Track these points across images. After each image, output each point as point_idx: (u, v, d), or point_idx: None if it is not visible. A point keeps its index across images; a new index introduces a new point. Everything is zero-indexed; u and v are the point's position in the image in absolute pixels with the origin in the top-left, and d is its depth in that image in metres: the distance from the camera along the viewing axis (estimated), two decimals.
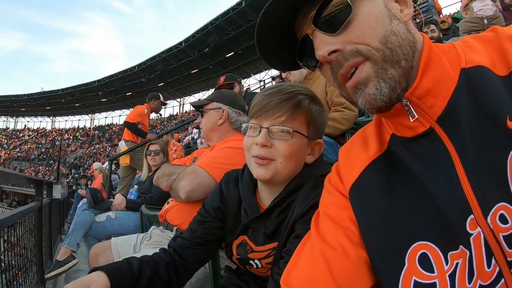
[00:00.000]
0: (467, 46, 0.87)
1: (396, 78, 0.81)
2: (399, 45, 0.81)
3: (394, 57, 0.80)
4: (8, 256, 2.77)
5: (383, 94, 0.81)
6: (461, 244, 0.73)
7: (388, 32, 0.81)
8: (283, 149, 1.29)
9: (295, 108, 1.31)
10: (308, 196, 1.27)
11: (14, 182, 3.18)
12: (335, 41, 0.85)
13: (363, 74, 0.83)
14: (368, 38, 0.81)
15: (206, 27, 31.64)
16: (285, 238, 1.28)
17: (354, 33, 0.83)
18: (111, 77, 44.50)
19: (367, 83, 0.83)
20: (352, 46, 0.83)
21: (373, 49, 0.81)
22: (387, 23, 0.82)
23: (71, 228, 4.22)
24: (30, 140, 59.77)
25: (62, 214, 9.62)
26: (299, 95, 1.33)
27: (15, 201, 33.96)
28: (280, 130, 1.29)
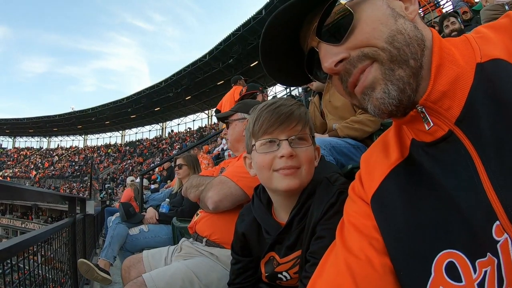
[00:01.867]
0: (481, 38, 0.83)
1: (405, 79, 0.78)
2: (406, 44, 0.78)
3: (401, 56, 0.78)
4: (44, 269, 2.85)
5: (392, 97, 0.79)
6: (489, 252, 0.69)
7: (394, 31, 0.79)
8: (305, 156, 1.32)
9: (305, 116, 1.37)
10: (323, 198, 1.28)
11: (49, 199, 3.29)
12: (340, 50, 0.83)
13: (370, 77, 0.81)
14: (373, 40, 0.80)
15: (229, 38, 31.79)
16: (307, 243, 1.28)
17: (358, 38, 0.81)
18: (139, 94, 45.04)
19: (374, 86, 0.81)
20: (358, 50, 0.81)
21: (379, 49, 0.79)
22: (392, 22, 0.80)
23: (107, 241, 4.30)
24: (64, 158, 61.18)
25: (96, 229, 9.80)
26: (300, 106, 1.39)
27: (51, 217, 34.76)
28: (299, 138, 1.33)
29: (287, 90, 29.98)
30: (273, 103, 1.39)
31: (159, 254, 2.62)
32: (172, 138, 50.25)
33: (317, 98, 3.53)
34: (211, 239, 2.33)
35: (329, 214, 1.23)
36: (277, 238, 1.43)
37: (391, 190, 0.92)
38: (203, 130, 45.87)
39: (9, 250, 1.80)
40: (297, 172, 1.31)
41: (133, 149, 55.70)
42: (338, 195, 1.25)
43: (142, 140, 58.21)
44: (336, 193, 1.26)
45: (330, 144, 2.58)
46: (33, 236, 2.41)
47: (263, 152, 1.35)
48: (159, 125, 57.59)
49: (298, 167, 1.31)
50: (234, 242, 1.64)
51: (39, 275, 2.71)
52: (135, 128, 60.46)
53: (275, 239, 1.44)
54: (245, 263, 1.59)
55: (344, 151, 2.65)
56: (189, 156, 5.06)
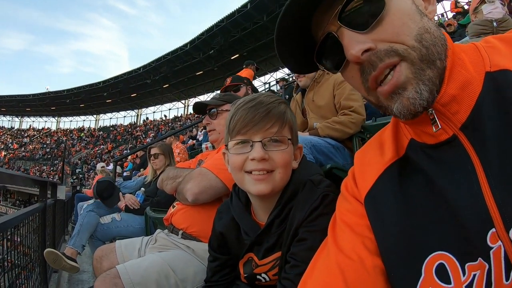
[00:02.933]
0: (490, 47, 0.84)
1: (433, 79, 0.76)
2: (433, 44, 0.76)
3: (430, 56, 0.76)
4: (12, 255, 2.77)
5: (423, 98, 0.76)
6: (480, 257, 0.70)
7: (422, 29, 0.77)
8: (280, 159, 1.29)
9: (283, 116, 1.32)
10: (307, 201, 1.26)
11: (20, 183, 3.19)
12: (366, 39, 0.78)
13: (402, 77, 0.77)
14: (403, 36, 0.76)
15: (212, 29, 31.66)
16: (288, 244, 1.27)
17: (387, 31, 0.77)
18: (116, 78, 44.60)
19: (406, 86, 0.77)
20: (387, 44, 0.77)
21: (409, 47, 0.76)
22: (419, 19, 0.78)
23: (76, 229, 4.21)
24: (35, 140, 60.00)
25: (65, 215, 9.63)
26: (280, 104, 1.35)
27: (19, 200, 34.12)
28: (275, 140, 1.29)
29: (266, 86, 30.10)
30: (251, 100, 1.35)
31: (132, 245, 2.58)
32: (146, 126, 49.88)
33: (299, 95, 3.54)
34: (188, 231, 2.30)
35: (312, 217, 1.21)
36: (256, 240, 1.41)
37: (384, 189, 0.92)
38: (178, 119, 45.67)
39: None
40: (270, 177, 1.29)
41: (106, 134, 55.08)
42: (322, 198, 1.23)
43: (116, 126, 57.60)
44: (320, 196, 1.24)
45: (311, 142, 2.58)
46: (3, 222, 2.33)
47: (235, 153, 1.32)
48: (134, 112, 57.17)
49: (271, 170, 1.29)
50: (212, 239, 1.61)
51: (6, 260, 2.63)
52: (110, 113, 59.92)
53: (253, 240, 1.42)
54: (223, 261, 1.57)
55: (324, 150, 2.67)
56: (164, 145, 5.02)
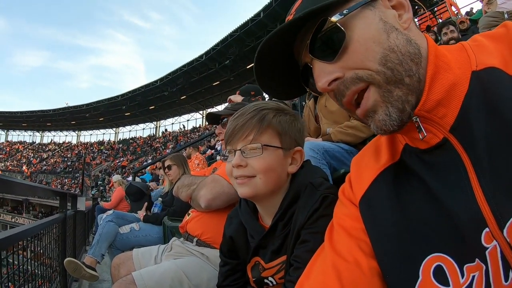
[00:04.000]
0: (477, 46, 0.83)
1: (403, 97, 0.78)
2: (399, 63, 0.77)
3: (396, 77, 0.77)
4: (32, 265, 2.83)
5: (393, 119, 0.78)
6: (477, 257, 0.70)
7: (387, 50, 0.77)
8: (258, 165, 1.33)
9: (260, 124, 1.36)
10: (308, 203, 1.28)
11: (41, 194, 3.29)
12: (333, 68, 0.82)
13: (370, 101, 0.80)
14: (367, 62, 0.78)
15: (226, 39, 31.72)
16: (292, 247, 1.28)
17: (352, 58, 0.80)
18: (134, 92, 44.93)
19: (376, 109, 0.80)
20: (352, 72, 0.80)
21: (374, 72, 0.78)
22: (385, 39, 0.78)
23: (96, 239, 4.29)
24: (56, 153, 60.92)
25: (87, 225, 9.74)
26: (262, 110, 1.39)
27: (41, 212, 34.57)
28: (250, 148, 1.34)
29: None
30: (238, 113, 1.42)
31: (149, 253, 2.61)
32: (165, 137, 50.17)
33: (312, 102, 3.53)
34: (201, 238, 2.33)
35: (312, 219, 1.23)
36: (260, 243, 1.44)
37: (379, 192, 0.92)
38: (196, 130, 45.87)
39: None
40: (250, 181, 1.34)
41: (126, 146, 55.55)
42: (322, 200, 1.25)
43: (135, 138, 58.09)
44: (320, 198, 1.25)
45: (324, 148, 2.58)
46: (22, 231, 2.39)
47: (228, 161, 1.40)
48: (153, 124, 57.48)
49: (251, 176, 1.34)
50: (222, 244, 1.64)
51: (27, 270, 2.69)
52: (129, 125, 60.31)
53: (258, 243, 1.44)
54: (233, 266, 1.59)
55: (336, 155, 2.66)
56: (176, 155, 5.06)
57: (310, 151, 2.45)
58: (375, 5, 0.82)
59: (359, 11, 0.80)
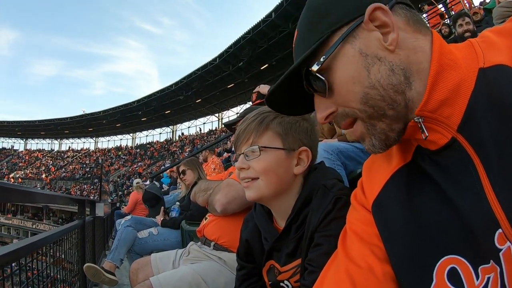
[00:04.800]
0: (485, 42, 0.81)
1: (386, 129, 0.83)
2: (381, 99, 0.78)
3: (377, 112, 0.80)
4: (53, 270, 2.87)
5: (378, 147, 0.86)
6: (492, 259, 0.68)
7: (367, 88, 0.78)
8: (259, 167, 1.37)
9: (258, 127, 1.42)
10: (320, 205, 1.26)
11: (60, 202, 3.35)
12: (329, 103, 0.88)
13: (358, 132, 0.88)
14: (350, 102, 0.84)
15: (239, 41, 31.71)
16: (306, 250, 1.27)
17: (338, 99, 0.86)
18: (149, 97, 45.22)
19: (364, 138, 0.88)
20: (342, 108, 0.87)
21: (357, 110, 0.83)
22: (365, 76, 0.78)
23: (115, 244, 4.34)
24: (75, 160, 61.70)
25: (106, 231, 9.85)
26: (262, 114, 1.44)
27: (62, 218, 35.10)
28: (249, 151, 1.39)
29: None
30: (243, 120, 1.50)
31: (167, 258, 2.63)
32: (182, 141, 50.44)
33: None
34: (219, 242, 2.33)
35: (325, 221, 1.21)
36: (274, 245, 1.43)
37: (391, 195, 0.91)
38: (213, 132, 46.02)
39: (17, 252, 1.81)
40: (253, 184, 1.37)
41: (143, 151, 55.99)
42: (335, 202, 1.23)
43: (152, 143, 58.51)
44: (333, 200, 1.24)
45: (338, 148, 2.56)
46: (43, 238, 2.43)
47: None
48: (169, 128, 57.79)
49: (254, 177, 1.37)
50: (239, 247, 1.64)
51: (48, 275, 2.73)
52: (146, 131, 60.72)
53: (272, 246, 1.44)
54: (250, 269, 1.59)
55: (351, 155, 2.64)
56: (190, 160, 5.09)
57: (324, 152, 2.43)
58: (356, 35, 0.81)
59: (339, 49, 0.81)
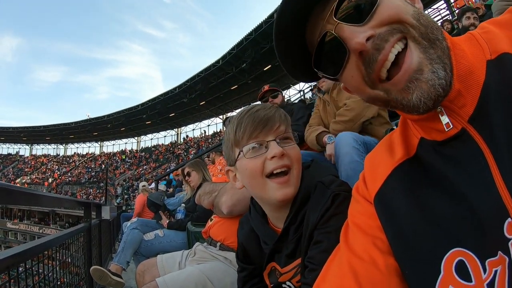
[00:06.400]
0: (486, 33, 0.81)
1: (442, 58, 0.74)
2: (431, 25, 0.76)
3: (430, 35, 0.74)
4: (59, 273, 2.88)
5: (441, 77, 0.73)
6: (500, 250, 0.68)
7: (417, 11, 0.77)
8: (295, 154, 1.33)
9: (285, 118, 1.39)
10: (319, 203, 1.25)
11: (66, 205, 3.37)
12: (365, 29, 0.77)
13: (415, 59, 0.74)
14: (401, 15, 0.76)
15: (241, 43, 31.79)
16: (306, 249, 1.26)
17: (385, 14, 0.76)
18: (153, 100, 45.33)
19: (422, 68, 0.73)
20: (386, 27, 0.76)
21: (409, 25, 0.75)
22: (411, 6, 0.79)
23: (121, 246, 4.36)
24: (80, 165, 61.93)
25: (112, 234, 9.88)
26: (278, 109, 1.42)
27: (68, 222, 35.16)
28: (286, 138, 1.34)
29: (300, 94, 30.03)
30: (250, 109, 1.40)
31: (173, 259, 2.64)
32: (187, 144, 50.51)
33: (327, 95, 3.48)
34: (225, 243, 2.34)
35: (324, 218, 1.20)
36: (275, 247, 1.42)
37: (394, 188, 0.90)
38: (218, 134, 46.07)
39: (24, 254, 1.82)
40: (290, 178, 1.30)
41: (148, 154, 56.12)
42: (333, 198, 1.22)
43: (157, 146, 58.63)
44: (331, 196, 1.23)
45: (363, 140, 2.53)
46: (48, 241, 2.44)
47: (252, 157, 1.32)
48: (174, 131, 57.93)
49: (290, 166, 1.30)
50: (238, 249, 1.65)
51: (54, 279, 2.74)
52: (151, 134, 60.89)
53: (272, 248, 1.43)
54: (250, 271, 1.59)
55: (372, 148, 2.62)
56: (195, 161, 5.09)
57: (354, 142, 2.39)
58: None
59: None
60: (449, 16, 10.11)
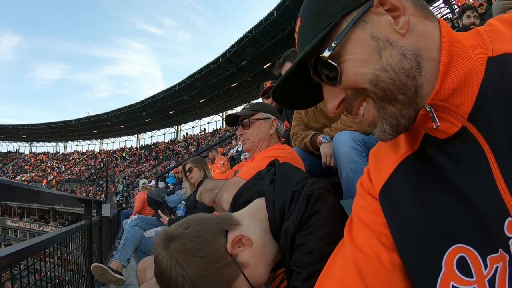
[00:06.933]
0: (492, 31, 0.81)
1: (397, 113, 0.80)
2: (392, 82, 0.77)
3: (388, 96, 0.78)
4: (60, 271, 2.88)
5: (388, 133, 0.83)
6: (500, 248, 0.68)
7: (378, 71, 0.77)
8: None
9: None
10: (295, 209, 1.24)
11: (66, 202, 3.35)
12: (339, 90, 0.86)
13: (370, 116, 0.86)
14: (359, 84, 0.81)
15: (241, 40, 31.72)
16: (289, 254, 1.25)
17: (347, 83, 0.83)
18: (153, 98, 45.37)
19: (375, 123, 0.86)
20: (352, 90, 0.85)
21: (367, 90, 0.81)
22: (376, 59, 0.78)
23: (121, 244, 4.36)
24: (80, 162, 61.99)
25: (112, 231, 9.89)
26: (176, 267, 1.14)
27: (68, 220, 35.12)
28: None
29: None
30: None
31: None
32: (187, 141, 50.53)
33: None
34: None
35: (303, 221, 1.20)
36: None
37: (399, 182, 0.91)
38: (217, 132, 46.09)
39: (25, 251, 1.81)
40: None
41: (148, 152, 56.15)
42: (307, 200, 1.22)
43: (157, 143, 58.66)
44: (304, 198, 1.22)
45: (363, 139, 2.53)
46: (49, 238, 2.44)
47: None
48: (174, 128, 57.92)
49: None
50: None
51: (55, 276, 2.73)
52: (150, 131, 60.90)
53: None
54: None
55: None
56: (197, 158, 5.09)
57: (352, 142, 2.42)
58: (366, 19, 0.80)
59: (349, 34, 0.80)
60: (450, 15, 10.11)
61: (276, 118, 2.56)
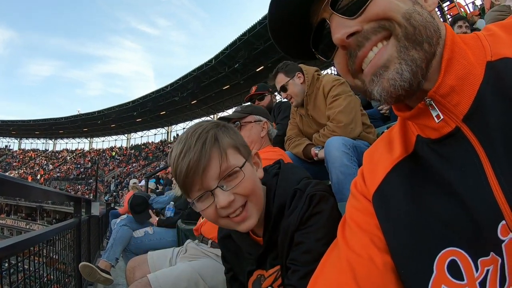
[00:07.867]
0: (491, 36, 0.81)
1: (418, 61, 0.74)
2: (423, 25, 0.74)
3: (417, 36, 0.74)
4: (47, 270, 2.84)
5: (404, 79, 0.73)
6: (492, 251, 0.68)
7: (411, 10, 0.75)
8: (245, 188, 1.20)
9: (218, 146, 1.20)
10: (297, 207, 1.23)
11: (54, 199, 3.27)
12: (353, 23, 0.78)
13: (385, 55, 0.76)
14: (390, 12, 0.75)
15: (235, 43, 31.85)
16: (287, 251, 1.25)
17: (374, 10, 0.76)
18: (145, 97, 45.35)
19: (388, 65, 0.75)
20: (373, 23, 0.77)
21: (396, 23, 0.75)
22: (410, 4, 0.76)
23: (110, 243, 4.33)
24: (69, 160, 61.57)
25: (101, 230, 9.82)
26: (208, 133, 1.21)
27: (56, 219, 34.84)
28: (229, 176, 1.19)
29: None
30: (179, 152, 1.19)
31: (164, 255, 2.63)
32: None
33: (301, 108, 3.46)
34: (216, 240, 2.32)
35: (303, 220, 1.20)
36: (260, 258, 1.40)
37: (393, 185, 0.91)
38: None
39: (13, 247, 1.79)
40: (248, 210, 1.23)
41: (138, 152, 55.95)
42: (310, 200, 1.21)
43: (147, 144, 58.47)
44: (307, 198, 1.21)
45: (353, 144, 2.58)
46: (35, 236, 2.40)
47: (203, 208, 1.21)
48: (164, 129, 57.88)
49: (244, 203, 1.22)
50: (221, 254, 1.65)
51: (41, 276, 2.70)
52: (141, 131, 60.78)
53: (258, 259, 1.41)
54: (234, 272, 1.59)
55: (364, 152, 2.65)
56: None
57: (343, 146, 2.46)
58: None
59: None
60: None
61: (267, 120, 2.56)
